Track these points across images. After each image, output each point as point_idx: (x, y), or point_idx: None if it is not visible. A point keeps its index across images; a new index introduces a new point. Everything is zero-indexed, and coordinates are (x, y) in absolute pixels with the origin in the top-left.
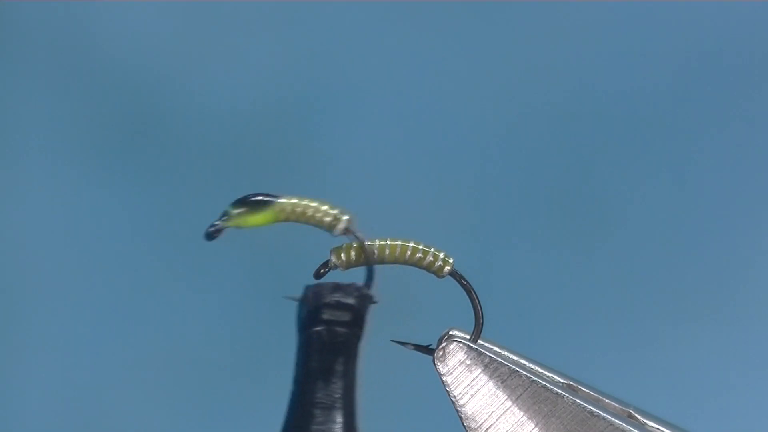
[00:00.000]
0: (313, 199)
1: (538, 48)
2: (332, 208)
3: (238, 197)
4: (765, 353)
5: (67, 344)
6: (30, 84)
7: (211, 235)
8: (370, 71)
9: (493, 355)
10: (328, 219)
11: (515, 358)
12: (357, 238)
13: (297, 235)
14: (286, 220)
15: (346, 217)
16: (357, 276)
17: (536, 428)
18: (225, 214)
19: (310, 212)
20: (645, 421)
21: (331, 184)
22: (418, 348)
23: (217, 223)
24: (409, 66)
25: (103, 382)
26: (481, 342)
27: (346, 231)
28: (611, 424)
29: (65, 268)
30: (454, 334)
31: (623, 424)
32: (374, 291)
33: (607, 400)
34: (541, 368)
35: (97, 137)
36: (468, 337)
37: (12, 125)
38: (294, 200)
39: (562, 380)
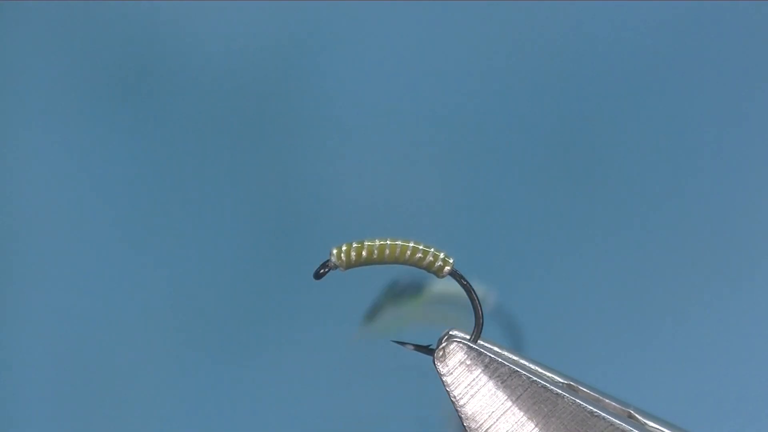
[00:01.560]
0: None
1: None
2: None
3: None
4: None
5: (70, 289)
6: (28, 30)
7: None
8: (368, 9)
9: (493, 356)
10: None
11: (515, 358)
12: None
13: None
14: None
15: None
16: (357, 276)
17: (536, 428)
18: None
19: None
20: (645, 421)
21: (330, 125)
22: (418, 348)
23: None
24: (408, 5)
25: (105, 325)
26: (481, 342)
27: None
28: (611, 424)
29: (68, 213)
30: (454, 334)
31: (623, 424)
32: None
33: (607, 400)
34: (541, 368)
35: (96, 81)
36: (468, 337)
37: (12, 71)
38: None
39: (562, 380)
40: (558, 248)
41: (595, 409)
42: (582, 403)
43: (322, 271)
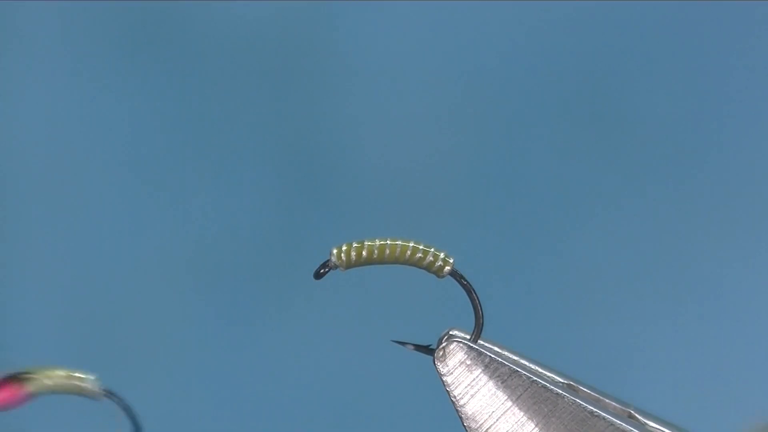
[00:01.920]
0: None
1: None
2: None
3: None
4: None
5: (83, 234)
6: None
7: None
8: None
9: (493, 355)
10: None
11: (515, 358)
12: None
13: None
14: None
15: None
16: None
17: (536, 428)
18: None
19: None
20: (645, 421)
21: (347, 83)
22: (419, 348)
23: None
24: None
25: (117, 276)
26: (482, 342)
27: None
28: (611, 424)
29: (84, 166)
30: (454, 334)
31: (623, 424)
32: None
33: (607, 400)
34: (542, 368)
35: (114, 31)
36: (468, 337)
37: (27, 21)
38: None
39: (562, 380)
40: (557, 249)
41: (595, 409)
42: (582, 403)
43: (322, 271)
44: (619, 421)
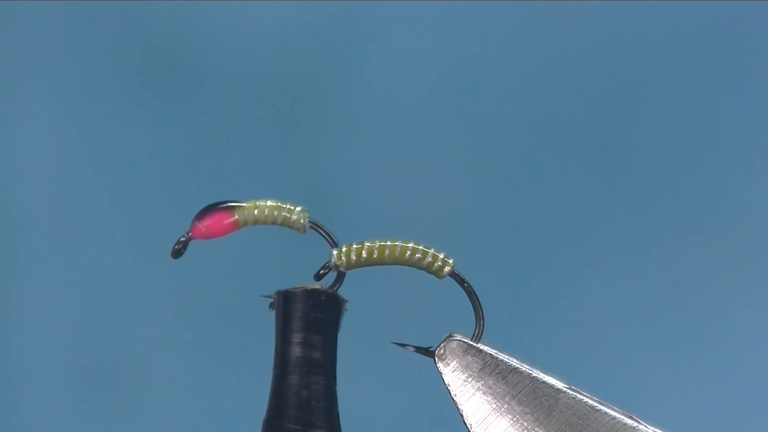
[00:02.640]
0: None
1: None
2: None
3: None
4: None
5: (84, 284)
6: (51, 18)
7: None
8: (396, 10)
9: (493, 353)
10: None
11: (515, 359)
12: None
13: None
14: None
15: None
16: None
17: (537, 422)
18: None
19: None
20: (647, 425)
21: (353, 117)
22: (419, 350)
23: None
24: (433, 6)
25: (116, 316)
26: (482, 344)
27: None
28: (613, 418)
29: (85, 205)
30: (454, 334)
31: (625, 419)
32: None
33: (608, 405)
34: (542, 374)
35: (122, 71)
36: (468, 337)
37: (32, 60)
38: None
39: (562, 384)
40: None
41: (596, 404)
42: (583, 398)
43: (322, 271)
44: (620, 416)
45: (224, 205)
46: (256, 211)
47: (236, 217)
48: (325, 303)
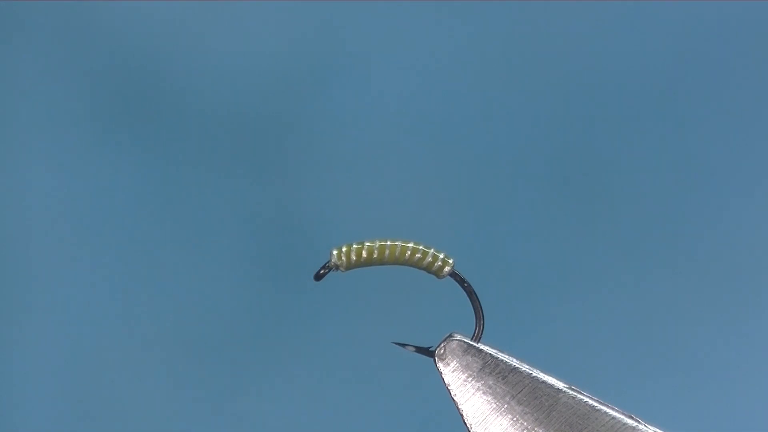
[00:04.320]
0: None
1: (539, 15)
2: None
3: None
4: None
5: (69, 307)
6: (31, 42)
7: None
8: (373, 32)
9: (493, 353)
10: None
11: (515, 359)
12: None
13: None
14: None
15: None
16: (357, 277)
17: (537, 422)
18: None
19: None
20: (647, 425)
21: (337, 148)
22: (419, 350)
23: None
24: (412, 35)
25: (107, 340)
26: (482, 344)
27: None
28: (613, 418)
29: (67, 231)
30: (454, 334)
31: (625, 418)
32: None
33: (608, 405)
34: (542, 374)
35: (97, 100)
36: (468, 337)
37: (13, 86)
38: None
39: (562, 384)
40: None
41: (596, 404)
42: (583, 398)
43: (322, 271)
44: (620, 416)
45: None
46: None
47: None
48: None
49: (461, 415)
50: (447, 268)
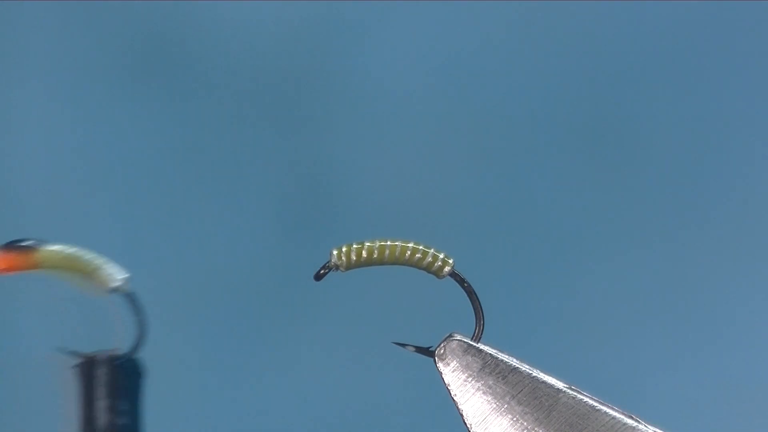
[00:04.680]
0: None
1: None
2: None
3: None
4: None
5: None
6: (46, 7)
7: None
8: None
9: (493, 353)
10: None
11: (515, 359)
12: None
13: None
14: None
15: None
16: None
17: (537, 422)
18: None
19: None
20: (647, 426)
21: (352, 106)
22: (419, 350)
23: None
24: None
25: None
26: (482, 344)
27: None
28: (613, 418)
29: (86, 195)
30: (454, 334)
31: (624, 418)
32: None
33: (608, 405)
34: (542, 375)
35: (119, 60)
36: (468, 337)
37: (28, 48)
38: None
39: (562, 384)
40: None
41: (596, 404)
42: (583, 398)
43: (322, 271)
44: (620, 416)
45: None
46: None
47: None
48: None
49: (461, 415)
50: (447, 268)
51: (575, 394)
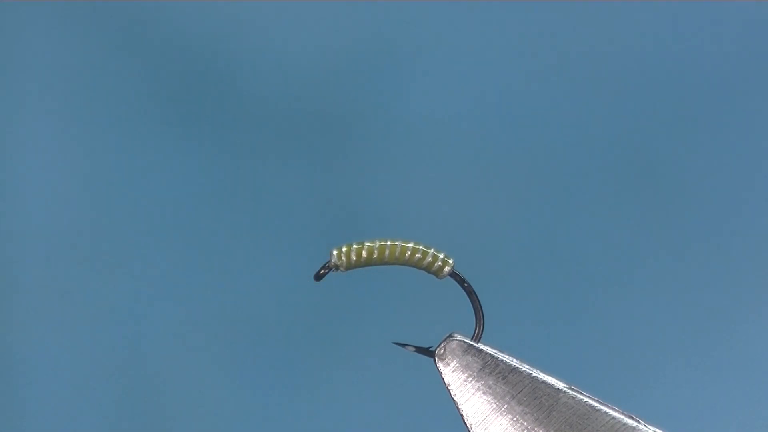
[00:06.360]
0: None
1: (597, 15)
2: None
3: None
4: None
5: (122, 299)
6: (91, 40)
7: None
8: (432, 26)
9: (493, 353)
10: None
11: (515, 359)
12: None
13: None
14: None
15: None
16: (357, 276)
17: (537, 422)
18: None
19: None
20: (647, 425)
21: (390, 142)
22: (419, 350)
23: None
24: (467, 30)
25: (153, 335)
26: (482, 344)
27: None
28: (613, 418)
29: (126, 224)
30: (454, 334)
31: (624, 419)
32: None
33: (608, 405)
34: (542, 375)
35: (161, 94)
36: (468, 337)
37: (76, 80)
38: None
39: (562, 384)
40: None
41: (596, 404)
42: (583, 398)
43: (322, 271)
44: (620, 416)
45: None
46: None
47: None
48: None
49: (461, 415)
50: (447, 268)
51: (575, 394)
